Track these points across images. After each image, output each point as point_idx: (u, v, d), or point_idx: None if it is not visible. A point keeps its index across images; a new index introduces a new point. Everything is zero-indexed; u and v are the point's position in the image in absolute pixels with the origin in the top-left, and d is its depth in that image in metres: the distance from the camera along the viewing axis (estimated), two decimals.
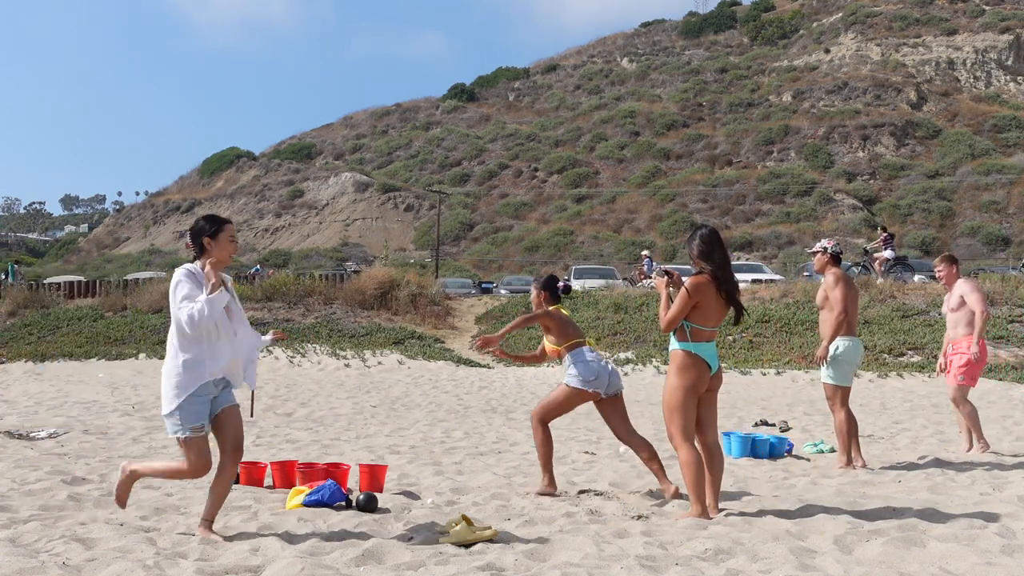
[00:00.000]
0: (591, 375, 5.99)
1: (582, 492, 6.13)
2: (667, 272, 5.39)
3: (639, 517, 5.33)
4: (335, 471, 5.99)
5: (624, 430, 6.06)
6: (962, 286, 8.09)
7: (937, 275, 8.48)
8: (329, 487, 5.53)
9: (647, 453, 5.98)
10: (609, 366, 6.12)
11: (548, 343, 6.40)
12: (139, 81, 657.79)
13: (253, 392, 11.17)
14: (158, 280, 28.35)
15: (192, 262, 4.75)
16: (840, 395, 7.22)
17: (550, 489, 6.08)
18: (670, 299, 5.30)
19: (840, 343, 7.15)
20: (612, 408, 6.08)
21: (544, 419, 6.16)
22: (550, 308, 6.33)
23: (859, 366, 8.13)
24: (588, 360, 6.03)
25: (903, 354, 16.86)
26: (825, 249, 7.41)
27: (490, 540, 4.72)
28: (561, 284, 6.39)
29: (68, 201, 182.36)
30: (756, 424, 9.88)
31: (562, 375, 6.17)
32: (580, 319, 22.31)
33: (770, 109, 67.83)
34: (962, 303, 8.01)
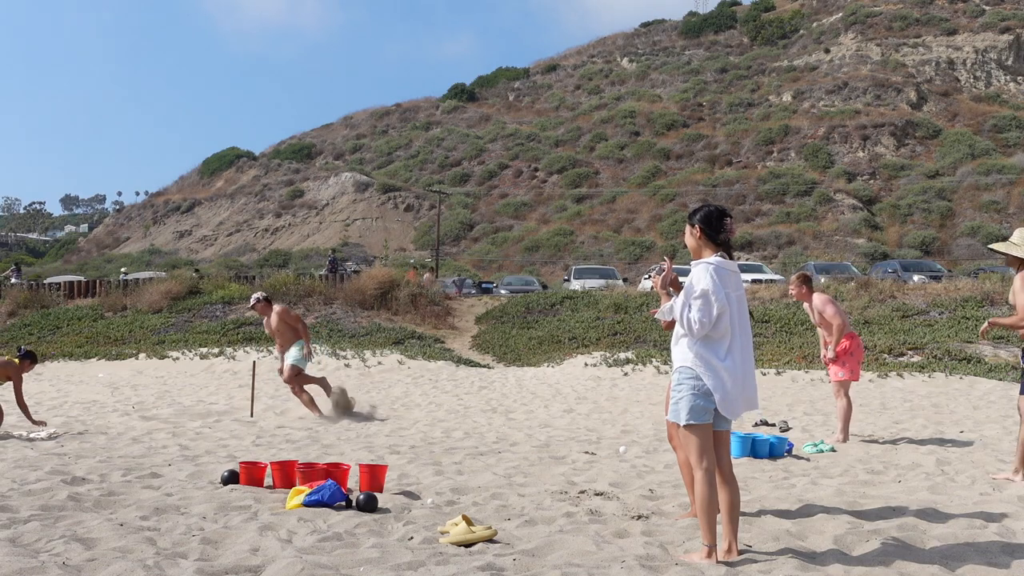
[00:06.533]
0: None
1: (582, 492, 6.13)
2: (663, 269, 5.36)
3: (639, 517, 5.32)
4: (335, 471, 5.98)
5: None
6: (816, 303, 8.79)
7: (790, 292, 9.26)
8: (329, 487, 5.52)
9: None
10: None
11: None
12: (144, 83, 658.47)
13: (253, 392, 11.20)
14: (158, 280, 28.35)
15: None
16: None
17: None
18: (669, 297, 5.28)
19: None
20: None
21: None
22: None
23: None
24: None
25: (903, 354, 16.87)
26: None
27: (490, 540, 4.72)
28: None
29: (68, 201, 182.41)
30: (756, 424, 9.88)
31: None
32: (580, 319, 22.32)
33: (770, 109, 67.83)
34: (823, 318, 8.78)
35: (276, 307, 10.93)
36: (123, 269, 44.36)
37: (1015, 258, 6.58)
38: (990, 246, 7.19)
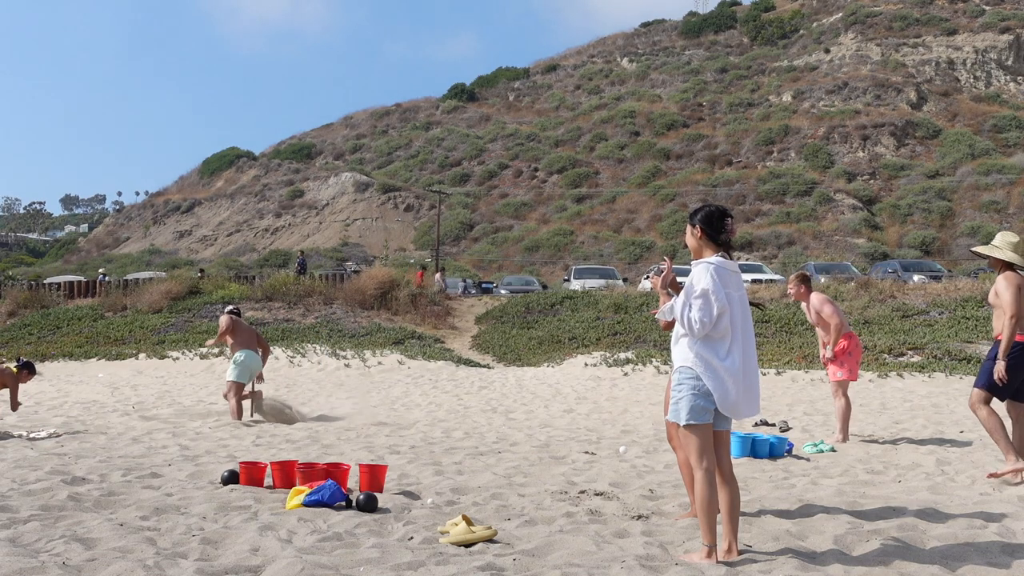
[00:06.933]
0: None
1: (582, 492, 6.13)
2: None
3: (639, 517, 5.32)
4: (335, 471, 5.98)
5: None
6: (814, 302, 8.85)
7: (788, 292, 9.32)
8: (329, 487, 5.52)
9: None
10: None
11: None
12: (144, 83, 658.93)
13: (253, 392, 11.20)
14: (158, 280, 28.35)
15: None
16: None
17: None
18: (669, 296, 5.26)
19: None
20: None
21: None
22: None
23: None
24: None
25: (903, 354, 16.86)
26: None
27: (490, 540, 4.72)
28: None
29: (68, 201, 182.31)
30: (756, 424, 9.87)
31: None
32: (580, 319, 22.31)
33: (770, 109, 67.82)
34: (820, 318, 8.82)
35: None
36: (101, 270, 44.26)
37: (997, 260, 6.74)
38: (972, 249, 7.30)
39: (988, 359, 6.78)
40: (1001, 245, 6.74)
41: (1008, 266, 6.68)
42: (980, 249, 6.92)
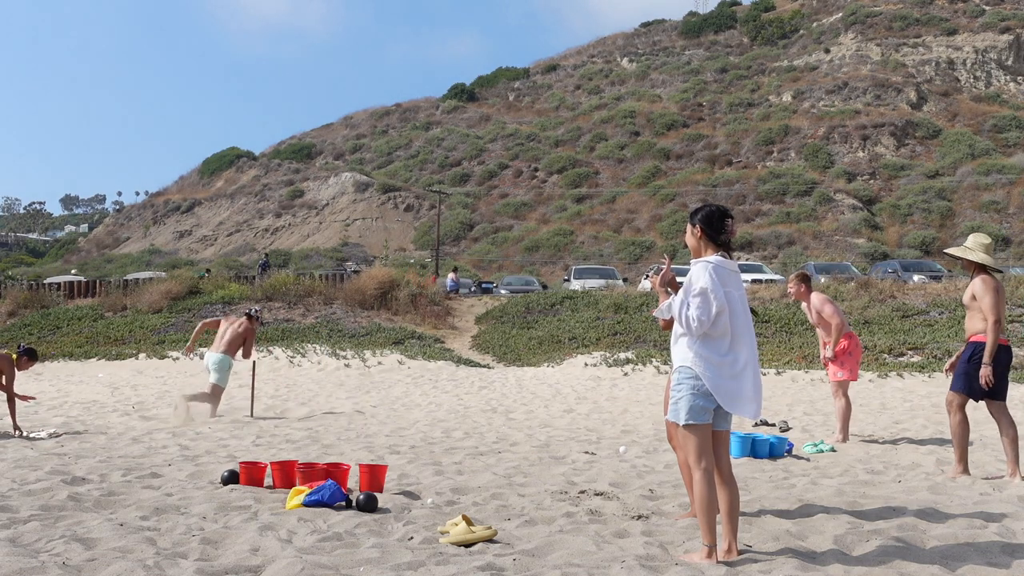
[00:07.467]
0: None
1: (582, 492, 6.13)
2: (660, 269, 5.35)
3: (639, 517, 5.32)
4: (335, 471, 5.98)
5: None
6: (814, 302, 8.82)
7: (788, 291, 9.27)
8: (329, 487, 5.52)
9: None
10: None
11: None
12: (144, 82, 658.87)
13: (253, 392, 11.19)
14: (158, 280, 28.37)
15: None
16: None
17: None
18: (668, 295, 5.24)
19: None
20: None
21: None
22: None
23: None
24: None
25: (903, 354, 16.87)
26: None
27: (490, 540, 4.72)
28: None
29: (68, 201, 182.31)
30: (756, 424, 9.87)
31: None
32: (580, 319, 22.31)
33: (770, 109, 67.82)
34: (821, 317, 8.79)
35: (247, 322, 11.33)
36: (73, 271, 44.36)
37: (971, 262, 6.74)
38: (945, 251, 7.31)
39: (963, 362, 6.77)
40: (974, 247, 6.73)
41: (981, 268, 6.68)
42: (952, 251, 6.91)
